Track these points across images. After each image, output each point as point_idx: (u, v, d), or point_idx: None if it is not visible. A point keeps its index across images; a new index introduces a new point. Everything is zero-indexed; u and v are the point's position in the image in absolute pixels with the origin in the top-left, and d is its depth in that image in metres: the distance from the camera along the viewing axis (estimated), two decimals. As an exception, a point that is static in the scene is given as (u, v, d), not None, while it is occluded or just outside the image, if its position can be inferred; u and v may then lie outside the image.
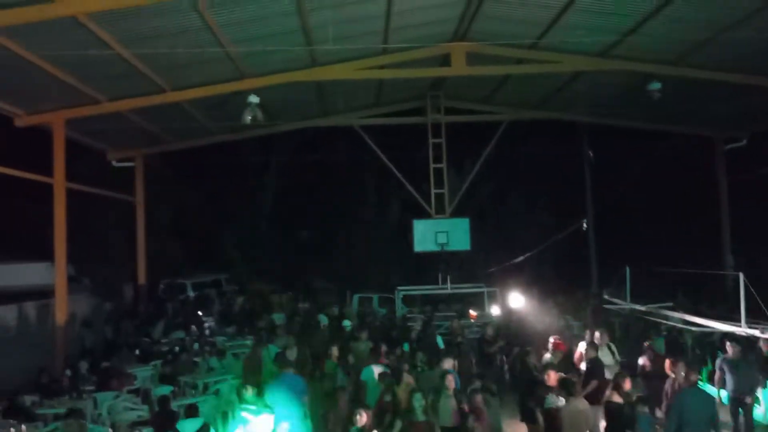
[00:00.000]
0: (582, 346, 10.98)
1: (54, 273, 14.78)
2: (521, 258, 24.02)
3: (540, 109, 20.48)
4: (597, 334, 10.90)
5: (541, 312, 16.76)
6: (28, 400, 10.56)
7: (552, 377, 8.72)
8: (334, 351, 11.67)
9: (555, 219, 25.79)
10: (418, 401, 7.89)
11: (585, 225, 23.16)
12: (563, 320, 16.34)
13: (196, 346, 14.83)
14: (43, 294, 16.18)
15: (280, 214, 31.82)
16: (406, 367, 9.87)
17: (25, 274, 19.86)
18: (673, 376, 9.42)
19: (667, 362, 9.89)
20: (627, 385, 8.43)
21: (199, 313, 19.43)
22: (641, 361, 10.94)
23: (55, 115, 14.55)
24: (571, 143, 24.82)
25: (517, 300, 17.70)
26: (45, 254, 18.25)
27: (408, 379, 9.35)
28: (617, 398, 8.24)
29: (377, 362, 10.42)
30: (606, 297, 16.36)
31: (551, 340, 11.46)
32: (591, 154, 24.74)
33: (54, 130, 14.65)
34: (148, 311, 19.48)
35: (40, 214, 20.05)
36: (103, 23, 10.61)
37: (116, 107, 14.83)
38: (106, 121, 15.61)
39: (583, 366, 10.51)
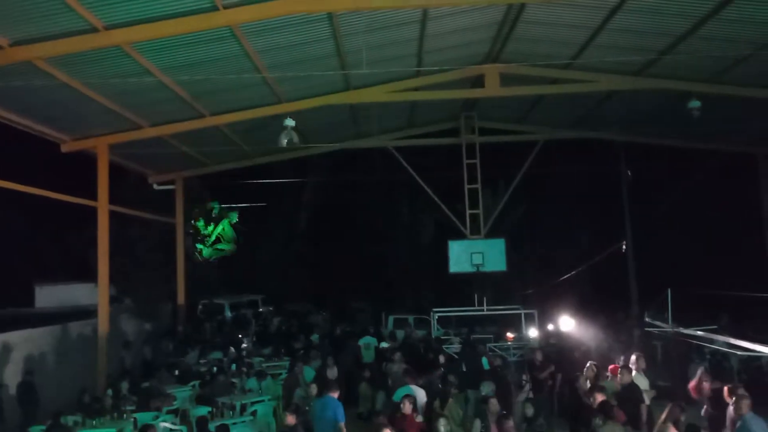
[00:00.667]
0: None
1: (97, 294, 15.13)
2: (560, 279, 23.66)
3: (575, 128, 20.34)
4: (633, 357, 10.64)
5: (585, 335, 16.41)
6: (70, 419, 10.78)
7: (599, 400, 8.57)
8: (367, 373, 11.63)
9: (592, 239, 25.41)
10: (444, 427, 7.82)
11: (624, 246, 22.73)
12: (606, 343, 15.99)
13: (233, 367, 14.98)
14: (87, 314, 16.57)
15: (315, 234, 32.12)
16: (452, 390, 9.81)
17: (70, 294, 20.43)
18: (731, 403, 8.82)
19: (726, 389, 9.24)
20: (682, 417, 8.12)
21: (240, 335, 19.58)
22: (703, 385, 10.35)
23: (99, 141, 15.02)
24: (607, 163, 24.51)
25: (566, 323, 17.28)
26: (88, 275, 18.76)
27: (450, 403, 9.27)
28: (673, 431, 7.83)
29: (413, 383, 10.37)
30: (647, 320, 15.99)
31: (589, 364, 11.20)
32: (628, 174, 24.39)
33: (98, 154, 15.11)
34: (186, 332, 19.75)
35: (83, 236, 20.66)
36: (146, 52, 10.96)
37: (157, 132, 15.25)
38: (148, 145, 16.08)
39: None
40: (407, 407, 9.03)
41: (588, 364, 11.16)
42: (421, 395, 10.11)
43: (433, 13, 11.91)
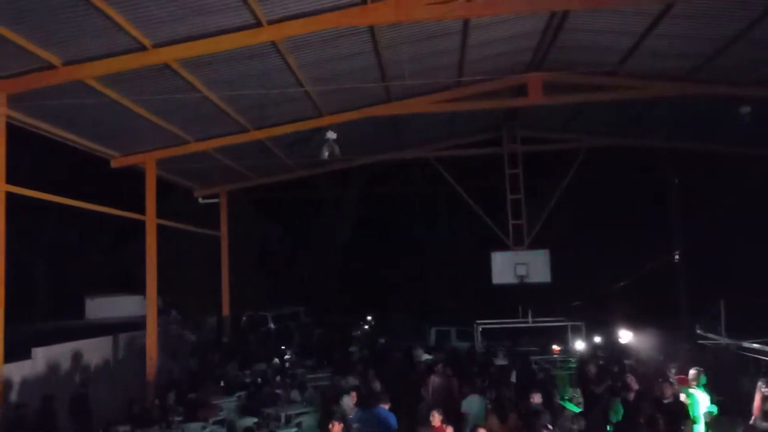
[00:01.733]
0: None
1: (145, 306, 15.43)
2: (609, 290, 23.15)
3: (620, 135, 19.96)
4: (692, 372, 10.29)
5: (636, 347, 15.96)
6: (120, 430, 10.97)
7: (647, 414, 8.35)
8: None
9: (639, 249, 24.81)
10: None
11: (677, 256, 22.11)
12: (658, 356, 15.54)
13: (277, 378, 15.05)
14: (135, 326, 16.91)
15: (356, 246, 32.24)
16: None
17: (119, 306, 20.91)
18: None
19: None
20: None
21: (283, 347, 19.72)
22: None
23: (147, 156, 15.36)
24: (654, 170, 23.95)
25: (625, 335, 16.84)
26: (136, 287, 19.17)
27: (513, 418, 9.09)
28: None
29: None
30: (699, 331, 15.51)
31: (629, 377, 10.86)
32: (676, 181, 23.76)
33: (146, 170, 15.46)
34: (231, 343, 19.98)
35: (131, 250, 21.15)
36: (191, 68, 11.21)
37: (202, 147, 15.53)
38: (193, 160, 16.40)
39: None
40: (436, 419, 8.91)
41: (628, 377, 10.86)
42: (481, 406, 10.06)
43: (474, 22, 11.86)
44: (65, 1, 8.38)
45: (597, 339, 18.06)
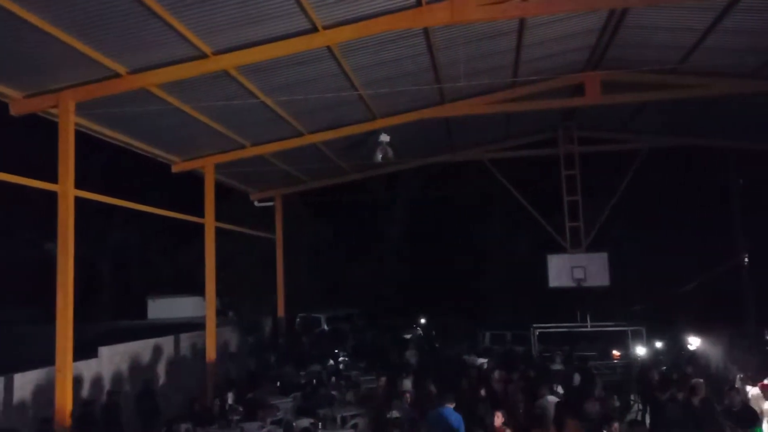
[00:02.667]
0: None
1: (204, 307, 15.81)
2: (671, 294, 22.43)
3: (681, 135, 19.31)
4: (767, 381, 9.87)
5: (702, 353, 15.40)
6: (183, 427, 11.25)
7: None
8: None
9: (702, 252, 23.95)
10: None
11: (746, 259, 21.27)
12: (724, 362, 14.98)
13: (332, 379, 15.18)
14: (195, 326, 17.34)
15: (409, 248, 32.23)
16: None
17: (179, 307, 21.49)
18: None
19: None
20: None
21: (336, 349, 19.85)
22: None
23: (206, 161, 15.73)
24: (716, 171, 23.10)
25: (694, 342, 16.32)
26: (195, 289, 19.64)
27: (570, 424, 8.94)
28: None
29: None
30: (767, 338, 14.87)
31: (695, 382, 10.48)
32: (740, 182, 22.84)
33: (205, 174, 15.84)
34: (286, 344, 20.23)
35: (190, 252, 21.68)
36: (249, 74, 11.44)
37: (259, 151, 15.80)
38: (250, 164, 16.71)
39: None
40: (499, 419, 8.83)
41: (695, 381, 10.49)
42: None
43: (530, 22, 11.71)
44: (132, 13, 8.66)
45: (658, 344, 17.51)
